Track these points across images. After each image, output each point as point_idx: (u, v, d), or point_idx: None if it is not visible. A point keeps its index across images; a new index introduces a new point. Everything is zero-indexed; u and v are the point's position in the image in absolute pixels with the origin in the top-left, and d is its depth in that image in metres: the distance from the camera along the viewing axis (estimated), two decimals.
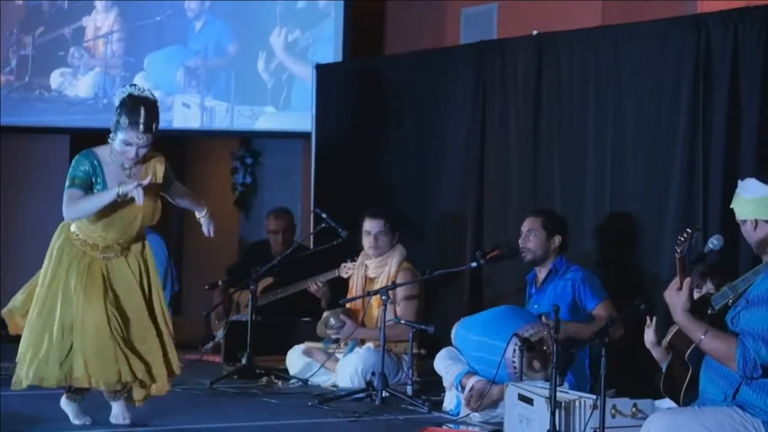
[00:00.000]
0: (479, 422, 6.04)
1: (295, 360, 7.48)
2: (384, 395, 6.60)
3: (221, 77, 10.15)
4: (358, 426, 6.09)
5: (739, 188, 4.45)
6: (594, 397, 5.06)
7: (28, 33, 10.31)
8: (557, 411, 5.21)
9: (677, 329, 4.46)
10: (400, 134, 8.70)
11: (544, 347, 6.00)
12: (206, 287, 8.79)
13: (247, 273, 7.80)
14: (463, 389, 6.18)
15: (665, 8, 7.70)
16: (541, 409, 5.33)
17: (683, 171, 6.51)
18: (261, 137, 10.99)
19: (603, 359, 4.82)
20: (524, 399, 5.50)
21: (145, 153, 5.53)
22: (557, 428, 5.20)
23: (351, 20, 9.85)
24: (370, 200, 8.46)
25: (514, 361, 6.02)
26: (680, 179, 6.52)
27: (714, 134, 6.37)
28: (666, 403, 5.05)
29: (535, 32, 7.57)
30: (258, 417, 6.22)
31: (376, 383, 6.62)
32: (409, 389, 6.69)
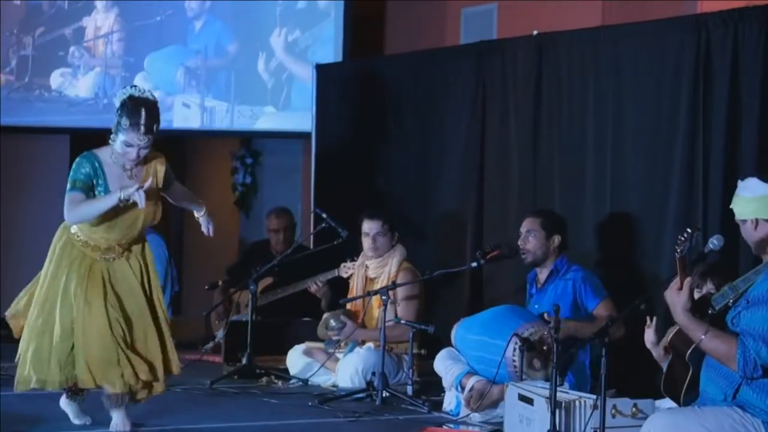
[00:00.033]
0: (479, 422, 6.04)
1: (296, 360, 7.48)
2: (384, 395, 6.60)
3: (221, 77, 10.15)
4: (358, 426, 6.09)
5: (740, 188, 4.44)
6: (594, 397, 5.07)
7: (28, 33, 10.31)
8: (557, 411, 5.22)
9: (678, 329, 4.46)
10: (400, 134, 8.70)
11: (544, 347, 6.01)
12: (206, 287, 8.80)
13: (247, 273, 7.80)
14: (463, 389, 6.18)
15: (665, 8, 7.70)
16: (541, 409, 5.33)
17: (683, 171, 6.50)
18: (261, 137, 10.99)
19: (603, 359, 4.82)
20: (524, 399, 5.50)
21: (146, 154, 5.53)
22: (557, 428, 5.21)
23: (351, 20, 9.84)
24: (370, 200, 8.47)
25: (515, 360, 6.02)
26: (680, 179, 6.52)
27: (714, 134, 6.37)
28: (666, 403, 5.05)
29: (535, 32, 7.57)
30: (258, 417, 6.22)
31: (377, 383, 6.63)
32: (410, 389, 6.69)
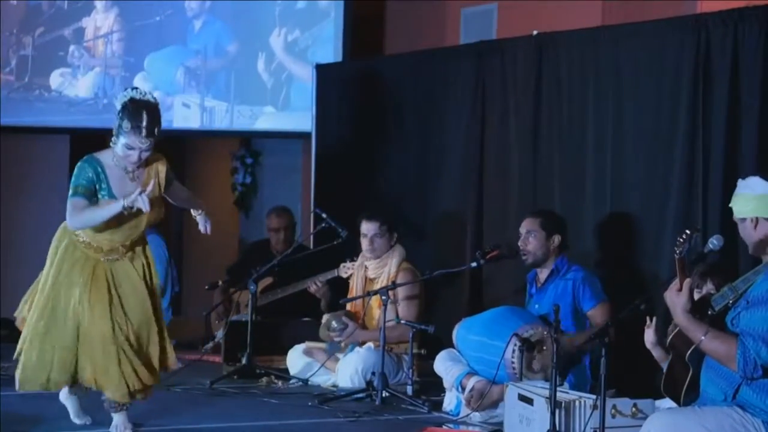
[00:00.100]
0: (479, 422, 6.04)
1: (296, 360, 7.48)
2: (384, 395, 6.60)
3: (221, 77, 10.15)
4: (358, 426, 6.09)
5: (740, 186, 4.44)
6: (594, 397, 5.07)
7: (28, 33, 10.31)
8: (557, 411, 5.22)
9: (678, 330, 4.46)
10: (400, 134, 8.69)
11: (544, 347, 6.01)
12: (206, 287, 8.80)
13: (247, 273, 7.80)
14: (464, 390, 6.18)
15: (665, 8, 7.70)
16: (541, 409, 5.33)
17: (683, 171, 6.50)
18: (261, 137, 10.99)
19: (603, 359, 4.82)
20: (524, 399, 5.50)
21: (148, 156, 5.54)
22: (557, 428, 5.21)
23: (351, 20, 9.84)
24: (370, 200, 8.47)
25: (513, 362, 6.02)
26: (680, 179, 6.52)
27: (714, 134, 6.36)
28: (666, 403, 5.05)
29: (535, 32, 7.56)
30: (258, 417, 6.22)
31: (376, 383, 6.62)
32: (409, 389, 6.69)
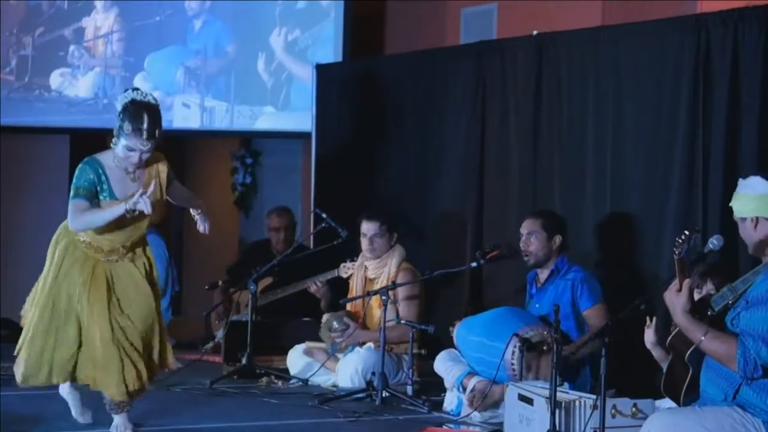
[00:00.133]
0: (479, 422, 6.04)
1: (296, 360, 7.48)
2: (384, 395, 6.60)
3: (221, 77, 10.15)
4: (358, 426, 6.09)
5: (740, 185, 4.44)
6: (594, 397, 5.07)
7: (28, 33, 10.31)
8: (557, 411, 5.22)
9: (677, 330, 4.45)
10: (400, 134, 8.69)
11: (544, 347, 6.01)
12: (206, 287, 8.80)
13: (247, 273, 7.80)
14: (464, 390, 6.18)
15: (665, 8, 7.70)
16: (541, 409, 5.33)
17: (683, 171, 6.50)
18: (261, 137, 10.99)
19: (603, 359, 4.82)
20: (524, 399, 5.50)
21: (149, 158, 5.54)
22: (557, 428, 5.21)
23: (351, 20, 9.84)
24: (370, 200, 8.47)
25: (513, 363, 6.02)
26: (680, 179, 6.52)
27: (714, 134, 6.36)
28: (666, 403, 5.04)
29: (535, 32, 7.56)
30: (258, 417, 6.22)
31: (377, 383, 6.62)
32: (409, 389, 6.69)
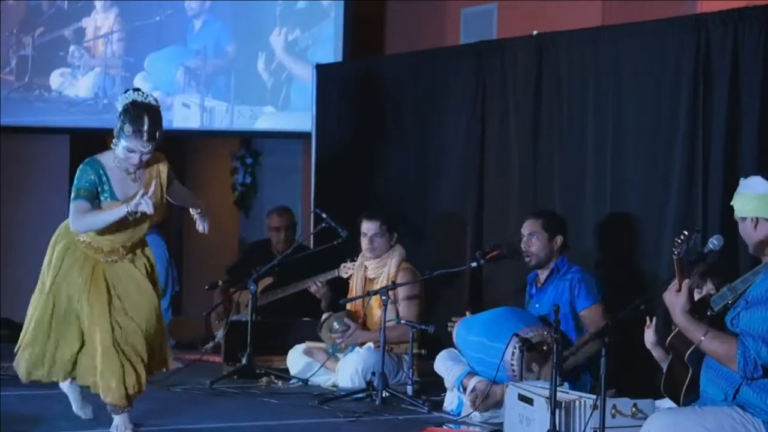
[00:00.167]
0: (479, 422, 6.04)
1: (296, 360, 7.48)
2: (384, 395, 6.60)
3: (221, 77, 10.15)
4: (358, 426, 6.09)
5: (741, 185, 4.44)
6: (594, 397, 5.07)
7: (28, 33, 10.31)
8: (557, 411, 5.22)
9: (677, 330, 4.45)
10: (400, 134, 8.69)
11: (544, 347, 6.00)
12: (206, 287, 8.80)
13: (248, 273, 7.80)
14: (465, 390, 6.18)
15: (665, 8, 7.70)
16: (541, 409, 5.33)
17: (683, 171, 6.50)
18: (261, 137, 11.00)
19: (603, 359, 4.82)
20: (524, 399, 5.50)
21: (149, 159, 5.54)
22: (557, 428, 5.21)
23: (351, 20, 9.84)
24: (370, 200, 8.47)
25: (513, 364, 6.02)
26: (680, 179, 6.52)
27: (714, 134, 6.36)
28: (666, 403, 5.04)
29: (535, 32, 7.56)
30: (258, 417, 6.22)
31: (377, 383, 6.62)
32: (410, 389, 6.69)
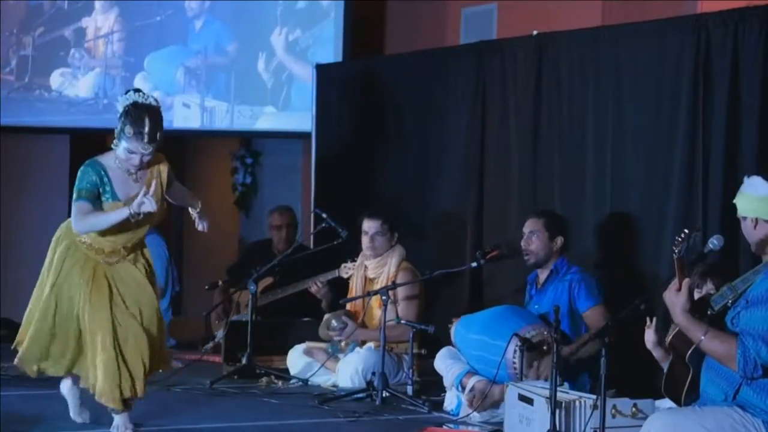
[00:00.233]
0: (479, 422, 6.04)
1: (296, 360, 7.48)
2: (384, 395, 6.60)
3: (221, 77, 10.15)
4: (358, 426, 6.09)
5: (745, 184, 4.44)
6: (594, 397, 5.07)
7: (28, 33, 10.31)
8: (557, 411, 5.22)
9: (678, 330, 4.45)
10: (400, 134, 8.69)
11: (544, 347, 6.01)
12: (206, 287, 8.80)
13: (248, 273, 7.80)
14: (464, 389, 6.18)
15: (665, 8, 7.70)
16: (541, 409, 5.33)
17: (683, 171, 6.50)
18: (261, 137, 10.99)
19: (603, 359, 4.82)
20: (524, 399, 5.50)
21: (149, 160, 5.54)
22: (557, 428, 5.21)
23: (351, 20, 9.84)
24: (370, 200, 8.47)
25: (515, 362, 6.02)
26: (680, 179, 6.52)
27: (714, 134, 6.36)
28: (666, 403, 5.04)
29: (535, 32, 7.56)
30: (258, 417, 6.22)
31: (377, 383, 6.62)
32: (410, 389, 6.69)
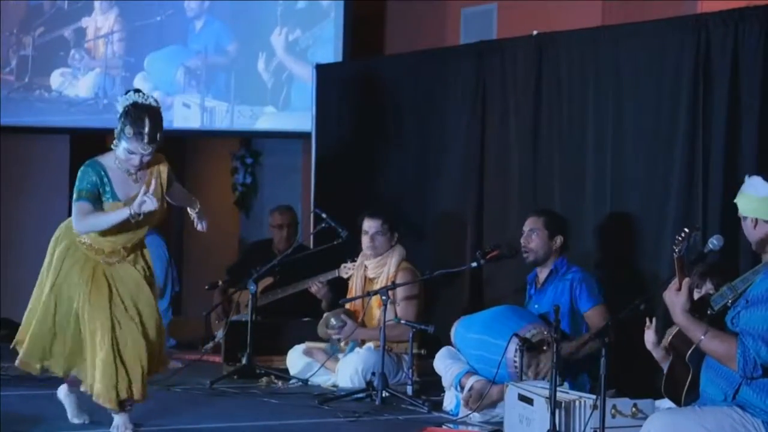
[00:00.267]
0: (479, 422, 6.04)
1: (296, 360, 7.48)
2: (384, 395, 6.60)
3: (221, 77, 10.15)
4: (358, 426, 6.09)
5: (746, 184, 4.45)
6: (594, 397, 5.07)
7: (28, 33, 10.31)
8: (557, 411, 5.22)
9: (677, 330, 4.46)
10: (400, 134, 8.69)
11: (544, 347, 6.01)
12: (206, 287, 8.80)
13: (248, 273, 7.80)
14: (463, 389, 6.18)
15: (665, 8, 7.70)
16: (541, 409, 5.33)
17: (683, 171, 6.50)
18: (261, 137, 11.00)
19: (603, 359, 4.82)
20: (524, 399, 5.50)
21: (149, 160, 5.55)
22: (557, 428, 5.21)
23: (351, 20, 9.85)
24: (370, 200, 8.47)
25: (515, 361, 6.02)
26: (680, 179, 6.52)
27: (714, 134, 6.36)
28: (666, 403, 5.04)
29: (535, 32, 7.56)
30: (258, 417, 6.22)
31: (376, 383, 6.62)
32: (409, 389, 6.69)
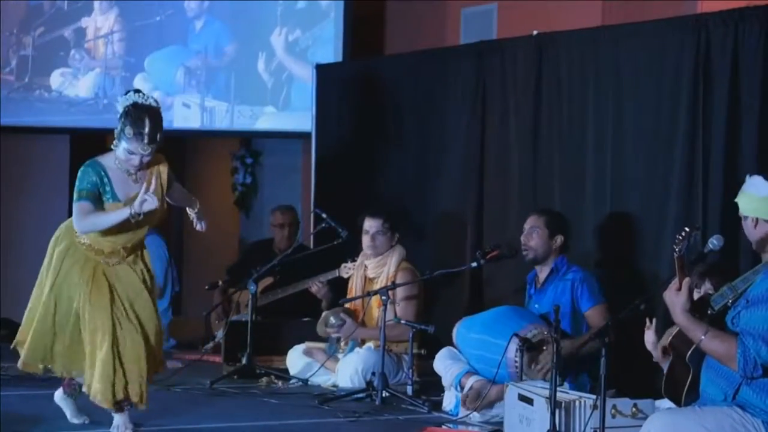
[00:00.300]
0: (479, 422, 6.04)
1: (296, 360, 7.48)
2: (384, 395, 6.60)
3: (221, 77, 10.15)
4: (358, 426, 6.09)
5: (747, 183, 4.45)
6: (594, 397, 5.07)
7: (28, 33, 10.31)
8: (557, 411, 5.22)
9: (678, 330, 4.45)
10: (400, 134, 8.69)
11: (544, 347, 6.01)
12: (206, 287, 8.80)
13: (248, 273, 7.80)
14: (462, 389, 6.18)
15: (665, 8, 7.70)
16: (541, 409, 5.33)
17: (683, 171, 6.50)
18: (261, 137, 11.00)
19: (603, 359, 4.82)
20: (524, 399, 5.50)
21: (149, 160, 5.55)
22: (557, 428, 5.21)
23: (351, 20, 9.85)
24: (370, 200, 8.47)
25: (516, 361, 6.02)
26: (680, 179, 6.52)
27: (714, 134, 6.36)
28: (666, 403, 5.04)
29: (535, 32, 7.56)
30: (258, 417, 6.22)
31: (376, 383, 6.62)
32: (409, 389, 6.69)
